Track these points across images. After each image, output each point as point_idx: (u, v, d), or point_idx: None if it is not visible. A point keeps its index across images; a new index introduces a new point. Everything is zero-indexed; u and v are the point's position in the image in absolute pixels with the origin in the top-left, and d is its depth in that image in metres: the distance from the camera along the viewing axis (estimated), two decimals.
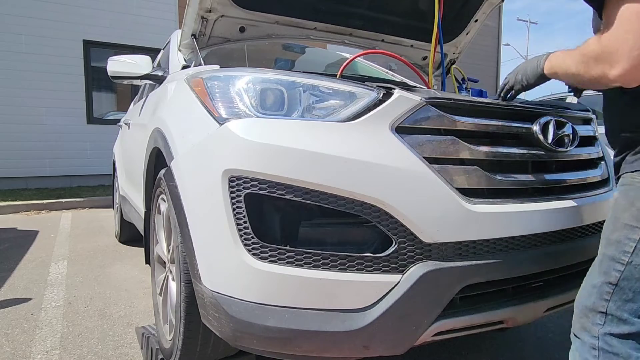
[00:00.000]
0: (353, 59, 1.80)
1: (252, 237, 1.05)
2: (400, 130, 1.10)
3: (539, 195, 1.25)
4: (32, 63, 6.43)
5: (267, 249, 1.04)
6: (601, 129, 1.63)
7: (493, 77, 14.08)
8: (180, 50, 2.11)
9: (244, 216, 1.06)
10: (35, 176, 6.57)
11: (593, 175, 1.42)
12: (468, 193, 1.10)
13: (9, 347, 1.86)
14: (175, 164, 1.33)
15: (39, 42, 6.46)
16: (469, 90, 1.97)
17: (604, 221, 1.37)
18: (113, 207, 4.08)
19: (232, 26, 1.97)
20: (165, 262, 1.67)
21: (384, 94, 1.15)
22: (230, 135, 1.12)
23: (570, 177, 1.34)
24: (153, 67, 2.25)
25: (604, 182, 1.46)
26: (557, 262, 1.23)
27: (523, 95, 1.45)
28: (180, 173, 1.29)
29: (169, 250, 1.61)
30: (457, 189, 1.08)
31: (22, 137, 6.44)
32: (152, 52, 3.20)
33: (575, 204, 1.27)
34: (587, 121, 1.52)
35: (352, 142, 1.07)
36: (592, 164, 1.46)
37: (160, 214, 1.70)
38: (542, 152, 1.26)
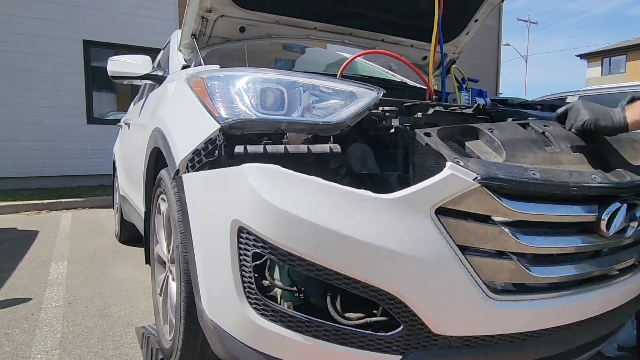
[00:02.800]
0: (353, 59, 1.80)
1: (257, 294, 1.02)
2: (440, 211, 0.95)
3: (575, 287, 1.11)
4: (32, 63, 6.43)
5: (269, 308, 1.01)
6: None
7: (493, 77, 14.07)
8: (180, 50, 2.12)
9: (250, 271, 1.02)
10: (35, 176, 6.57)
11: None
12: (496, 288, 1.01)
13: (9, 347, 1.86)
14: (188, 179, 1.25)
15: (39, 42, 6.47)
16: (469, 90, 1.97)
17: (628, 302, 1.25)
18: (113, 207, 4.08)
19: (232, 26, 1.97)
20: (165, 262, 1.67)
21: (432, 167, 1.03)
22: (246, 185, 1.02)
23: (616, 261, 1.19)
24: (153, 67, 2.25)
25: None
26: (569, 344, 1.16)
27: (523, 95, 1.41)
28: (191, 192, 1.23)
29: (169, 250, 1.61)
30: (485, 283, 0.98)
31: (22, 137, 6.44)
32: (152, 52, 3.20)
33: (611, 290, 1.16)
34: None
35: (384, 222, 0.94)
36: None
37: (160, 214, 1.70)
38: (597, 242, 1.10)
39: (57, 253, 3.37)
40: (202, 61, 1.79)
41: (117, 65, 2.19)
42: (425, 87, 1.81)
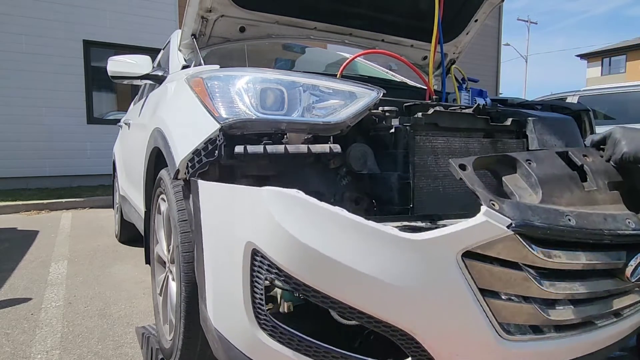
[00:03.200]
0: (353, 59, 1.81)
1: (267, 316, 1.02)
2: (467, 255, 0.92)
3: (589, 325, 1.10)
4: (32, 63, 6.44)
5: (277, 330, 1.01)
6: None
7: (493, 77, 14.07)
8: (180, 50, 2.12)
9: (261, 293, 1.01)
10: (35, 176, 6.58)
11: None
12: (510, 329, 1.00)
13: (9, 347, 1.86)
14: (204, 186, 1.18)
15: (39, 42, 6.47)
16: (469, 90, 1.97)
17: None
18: (113, 207, 4.08)
19: (232, 26, 1.97)
20: (165, 262, 1.67)
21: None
22: (264, 210, 0.97)
23: (632, 301, 1.18)
24: (153, 67, 2.25)
25: None
26: None
27: (523, 95, 1.40)
28: (206, 201, 1.17)
29: (169, 250, 1.61)
30: (500, 324, 0.96)
31: (22, 137, 6.44)
32: (152, 52, 3.20)
33: (623, 324, 1.16)
34: None
35: (406, 262, 0.92)
36: None
37: (160, 214, 1.70)
38: (618, 286, 1.09)
39: (57, 253, 3.37)
40: (202, 61, 1.79)
41: (117, 65, 2.19)
42: (425, 87, 1.81)
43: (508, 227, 0.90)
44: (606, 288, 1.08)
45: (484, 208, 0.91)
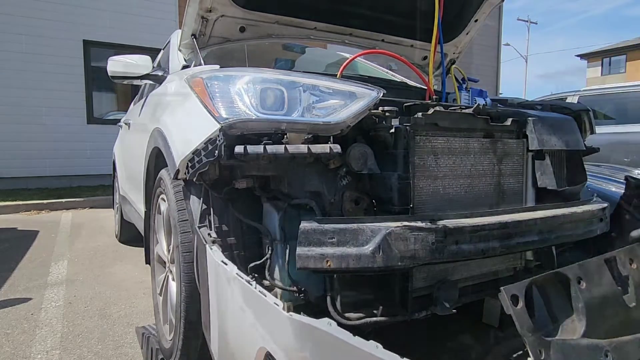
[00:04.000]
0: (353, 59, 1.81)
1: None
2: None
3: None
4: (32, 63, 6.44)
5: None
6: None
7: (493, 77, 14.06)
8: (180, 50, 2.12)
9: None
10: (35, 176, 6.57)
11: None
12: None
13: (9, 347, 1.86)
14: (212, 253, 1.11)
15: (39, 42, 6.47)
16: (469, 90, 1.97)
17: None
18: (113, 207, 4.08)
19: (232, 26, 1.97)
20: (165, 262, 1.67)
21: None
22: (292, 340, 0.90)
23: None
24: (153, 67, 2.25)
25: None
26: None
27: (523, 95, 1.40)
28: (217, 286, 1.10)
29: (169, 250, 1.61)
30: None
31: (22, 137, 6.44)
32: (152, 52, 3.20)
33: None
34: None
35: None
36: None
37: (160, 214, 1.70)
38: None
39: (57, 253, 3.37)
40: (202, 61, 1.79)
41: (117, 65, 2.20)
42: (425, 87, 1.81)
43: None
44: None
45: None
